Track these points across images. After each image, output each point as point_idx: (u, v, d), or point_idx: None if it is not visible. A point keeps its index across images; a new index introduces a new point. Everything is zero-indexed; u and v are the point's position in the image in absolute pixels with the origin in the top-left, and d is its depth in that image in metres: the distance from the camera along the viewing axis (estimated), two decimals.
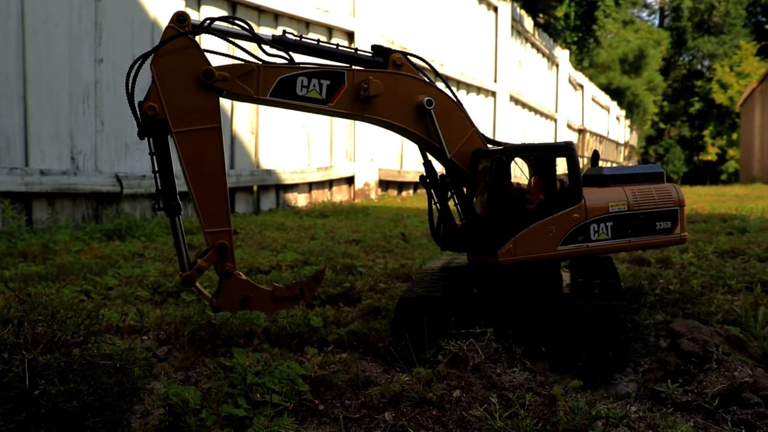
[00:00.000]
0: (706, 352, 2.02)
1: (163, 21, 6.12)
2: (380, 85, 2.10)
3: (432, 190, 2.38)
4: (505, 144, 2.31)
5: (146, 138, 1.93)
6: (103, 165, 5.63)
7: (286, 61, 2.07)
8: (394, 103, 2.16)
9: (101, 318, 1.90)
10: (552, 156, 2.26)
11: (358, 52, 2.19)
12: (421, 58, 2.30)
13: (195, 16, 6.50)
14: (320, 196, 8.56)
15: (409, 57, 2.21)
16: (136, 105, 1.92)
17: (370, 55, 2.20)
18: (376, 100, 2.12)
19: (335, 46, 2.16)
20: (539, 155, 2.33)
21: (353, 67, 2.13)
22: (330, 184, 8.77)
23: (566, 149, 2.27)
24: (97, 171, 5.56)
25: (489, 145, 2.35)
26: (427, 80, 2.23)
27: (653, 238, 2.42)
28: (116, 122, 5.72)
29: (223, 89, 1.95)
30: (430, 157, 2.40)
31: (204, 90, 1.92)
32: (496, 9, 13.44)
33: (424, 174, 2.39)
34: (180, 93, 1.89)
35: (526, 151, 2.37)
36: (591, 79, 25.45)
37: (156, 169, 1.94)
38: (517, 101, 14.98)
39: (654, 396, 1.92)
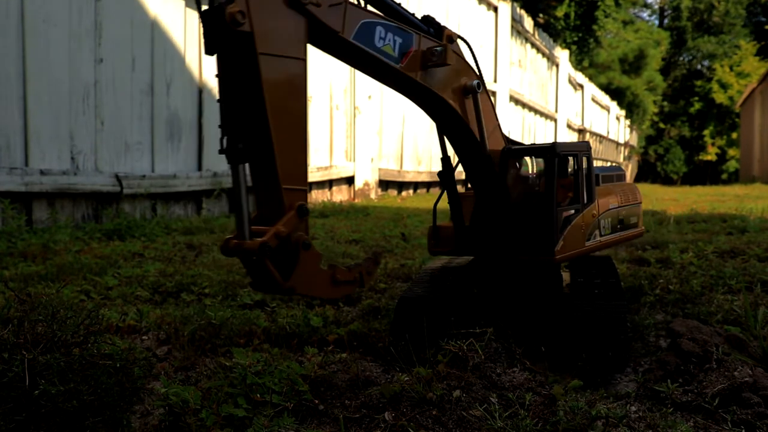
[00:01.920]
0: (706, 352, 2.02)
1: (163, 21, 6.12)
2: (453, 56, 1.99)
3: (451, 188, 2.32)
4: (518, 142, 2.32)
5: (214, 54, 1.58)
6: (103, 165, 5.63)
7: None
8: (448, 79, 2.04)
9: (101, 318, 1.90)
10: (579, 155, 2.32)
11: (414, 15, 2.04)
12: (463, 39, 2.18)
13: (195, 16, 6.50)
14: (320, 196, 8.56)
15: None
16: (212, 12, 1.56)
17: (423, 24, 2.06)
18: (436, 71, 1.99)
19: (398, 3, 1.98)
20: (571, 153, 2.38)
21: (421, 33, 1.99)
22: (330, 184, 8.77)
23: (586, 149, 2.36)
24: (97, 171, 5.55)
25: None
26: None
27: (630, 232, 2.68)
28: (116, 122, 5.72)
29: (314, 16, 1.68)
30: (450, 152, 2.30)
31: (295, 10, 1.64)
32: (496, 9, 13.44)
33: (442, 170, 2.33)
34: (271, 7, 1.60)
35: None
36: (591, 79, 25.44)
37: (221, 97, 1.59)
38: (517, 101, 14.98)
39: (654, 396, 1.92)
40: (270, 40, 1.57)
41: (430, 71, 1.98)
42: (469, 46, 2.20)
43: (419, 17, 2.07)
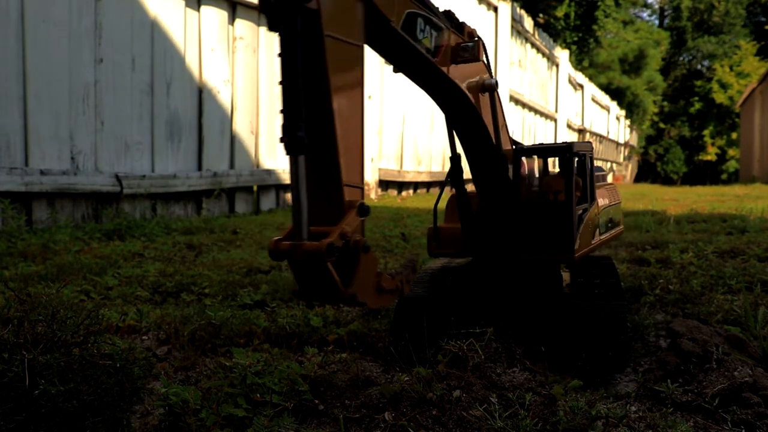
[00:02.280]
0: (706, 352, 2.02)
1: (163, 21, 6.12)
2: (482, 53, 1.95)
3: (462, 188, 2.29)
4: (518, 143, 2.32)
5: (276, 31, 1.42)
6: (103, 165, 5.63)
7: None
8: (470, 75, 2.00)
9: (101, 318, 1.90)
10: (587, 155, 2.35)
11: (437, 9, 1.96)
12: (478, 37, 2.10)
13: (195, 16, 6.50)
14: None
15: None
16: None
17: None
18: (460, 68, 1.94)
19: None
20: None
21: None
22: None
23: (590, 149, 2.41)
24: (97, 171, 5.56)
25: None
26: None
27: (617, 230, 2.77)
28: (116, 122, 5.72)
29: (371, 0, 1.60)
30: (459, 150, 2.25)
31: None
32: (496, 9, 13.44)
33: (452, 170, 2.29)
34: None
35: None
36: (591, 79, 25.43)
37: (283, 80, 1.43)
38: (517, 101, 14.98)
39: (654, 396, 1.92)
40: (335, 22, 1.47)
41: (455, 67, 1.94)
42: (484, 45, 2.13)
43: (444, 9, 2.00)
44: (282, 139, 1.41)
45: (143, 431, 1.69)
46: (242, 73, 7.12)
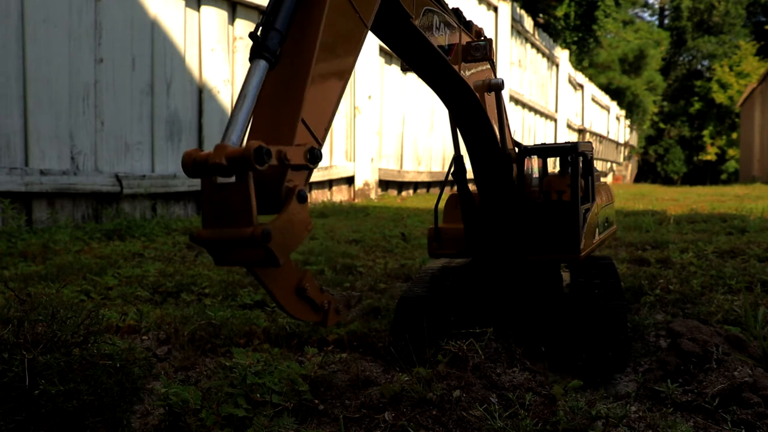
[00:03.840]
0: (706, 352, 2.02)
1: (163, 21, 6.12)
2: (493, 52, 1.96)
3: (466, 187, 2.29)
4: (517, 143, 2.32)
5: None
6: (103, 165, 5.63)
7: None
8: (478, 74, 2.01)
9: (101, 318, 1.90)
10: (588, 154, 2.38)
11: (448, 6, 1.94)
12: (484, 36, 2.09)
13: (195, 16, 6.50)
14: (320, 196, 8.56)
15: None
16: None
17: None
18: (470, 66, 1.95)
19: None
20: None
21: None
22: (330, 184, 8.77)
23: (591, 149, 2.45)
24: (97, 171, 5.55)
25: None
26: None
27: (612, 229, 2.81)
28: (116, 122, 5.72)
29: None
30: (463, 151, 2.25)
31: None
32: (496, 9, 13.43)
33: (455, 170, 2.30)
34: None
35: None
36: (591, 79, 25.43)
37: None
38: (517, 101, 14.98)
39: (654, 396, 1.92)
40: None
41: (465, 65, 1.94)
42: (489, 44, 2.11)
43: (453, 7, 1.99)
44: (251, 35, 1.24)
45: (143, 431, 1.69)
46: (242, 73, 7.12)
